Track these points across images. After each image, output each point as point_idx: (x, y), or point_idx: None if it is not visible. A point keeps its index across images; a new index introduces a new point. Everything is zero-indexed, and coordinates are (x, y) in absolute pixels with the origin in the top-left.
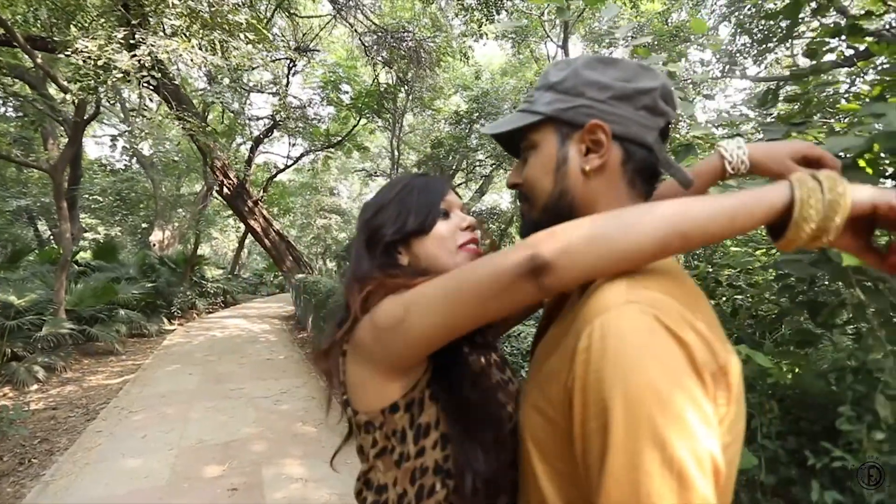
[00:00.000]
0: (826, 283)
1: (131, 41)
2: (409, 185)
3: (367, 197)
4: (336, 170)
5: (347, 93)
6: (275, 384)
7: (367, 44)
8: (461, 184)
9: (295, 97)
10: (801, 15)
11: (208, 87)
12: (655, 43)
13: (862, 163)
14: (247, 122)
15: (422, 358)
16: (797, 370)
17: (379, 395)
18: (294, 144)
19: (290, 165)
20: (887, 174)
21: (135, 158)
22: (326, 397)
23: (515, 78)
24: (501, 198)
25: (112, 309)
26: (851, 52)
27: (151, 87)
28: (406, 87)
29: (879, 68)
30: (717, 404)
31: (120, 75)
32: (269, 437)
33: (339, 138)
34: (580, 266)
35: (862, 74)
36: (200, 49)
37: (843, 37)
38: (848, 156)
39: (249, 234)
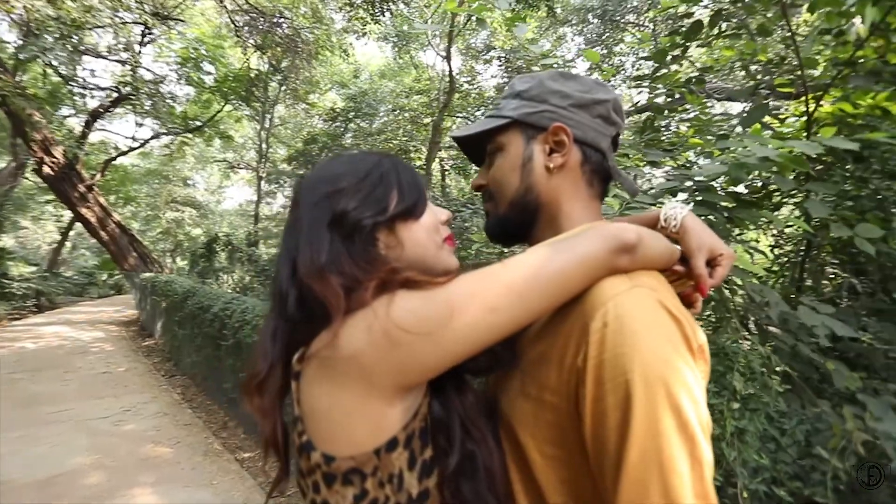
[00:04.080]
0: None
1: None
2: (383, 161)
3: (230, 190)
4: (193, 158)
5: (211, 74)
6: (114, 402)
7: (237, 24)
8: None
9: (148, 70)
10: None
11: (25, 41)
12: (525, 67)
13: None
14: (81, 90)
15: (442, 371)
16: None
17: (373, 428)
18: (141, 125)
19: (137, 148)
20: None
21: None
22: (262, 446)
23: (394, 82)
24: None
25: None
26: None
27: None
28: (280, 77)
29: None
30: (701, 376)
31: None
32: (109, 465)
33: (199, 123)
34: (652, 249)
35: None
36: None
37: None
38: (706, 179)
39: (79, 225)
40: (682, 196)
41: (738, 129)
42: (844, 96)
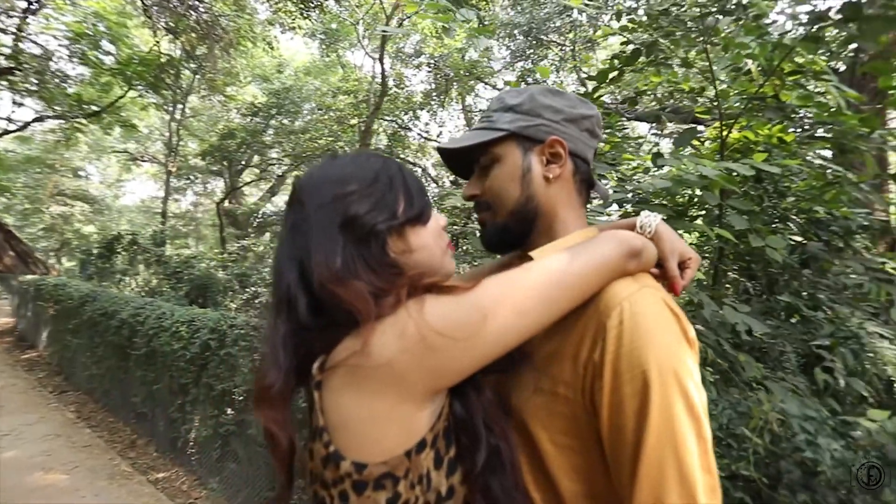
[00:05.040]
0: None
1: None
2: (389, 164)
3: (131, 184)
4: (87, 146)
5: (111, 54)
6: None
7: (146, 2)
8: (252, 182)
9: (35, 43)
10: None
11: None
12: (453, 75)
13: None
14: None
15: (471, 374)
16: None
17: (404, 432)
18: (20, 104)
19: (14, 131)
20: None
21: None
22: (278, 459)
23: (320, 80)
24: None
25: None
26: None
27: None
28: (194, 65)
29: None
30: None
31: None
32: None
33: (97, 108)
34: (649, 255)
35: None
36: None
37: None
38: (643, 192)
39: None
40: (626, 206)
41: (645, 147)
42: (748, 125)
